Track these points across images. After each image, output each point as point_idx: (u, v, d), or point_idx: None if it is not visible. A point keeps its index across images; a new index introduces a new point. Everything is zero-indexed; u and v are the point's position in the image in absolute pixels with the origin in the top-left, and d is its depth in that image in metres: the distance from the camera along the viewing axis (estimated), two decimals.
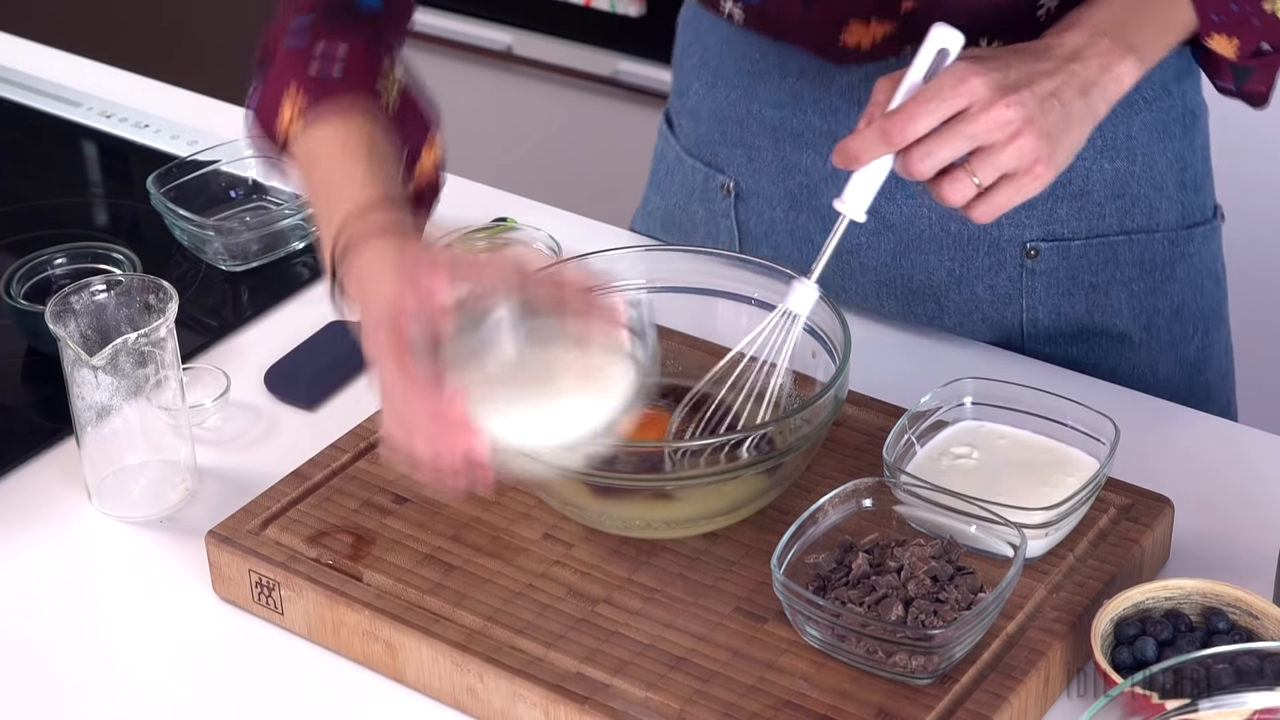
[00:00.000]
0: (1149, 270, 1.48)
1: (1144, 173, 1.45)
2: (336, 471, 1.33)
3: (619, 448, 1.21)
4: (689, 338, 1.38)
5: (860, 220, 1.22)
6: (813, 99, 1.45)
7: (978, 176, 1.18)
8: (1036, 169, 1.19)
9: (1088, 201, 1.45)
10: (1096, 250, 1.46)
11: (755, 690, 1.15)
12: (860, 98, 1.42)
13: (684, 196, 1.60)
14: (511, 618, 1.20)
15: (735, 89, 1.50)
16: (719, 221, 1.56)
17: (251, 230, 1.61)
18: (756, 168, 1.51)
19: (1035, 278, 1.47)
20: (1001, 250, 1.46)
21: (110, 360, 1.30)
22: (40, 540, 1.34)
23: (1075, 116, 1.21)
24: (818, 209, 1.48)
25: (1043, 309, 1.48)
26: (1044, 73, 1.20)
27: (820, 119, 1.45)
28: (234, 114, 1.88)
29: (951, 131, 1.17)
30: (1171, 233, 1.48)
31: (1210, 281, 1.54)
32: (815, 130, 1.46)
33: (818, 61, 1.43)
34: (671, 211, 1.62)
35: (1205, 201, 1.52)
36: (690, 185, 1.58)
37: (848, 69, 1.42)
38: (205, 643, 1.26)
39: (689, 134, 1.58)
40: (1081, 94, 1.21)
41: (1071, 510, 1.22)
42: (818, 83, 1.44)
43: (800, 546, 1.20)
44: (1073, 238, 1.46)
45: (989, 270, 1.47)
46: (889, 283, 1.49)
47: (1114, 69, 1.23)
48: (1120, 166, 1.44)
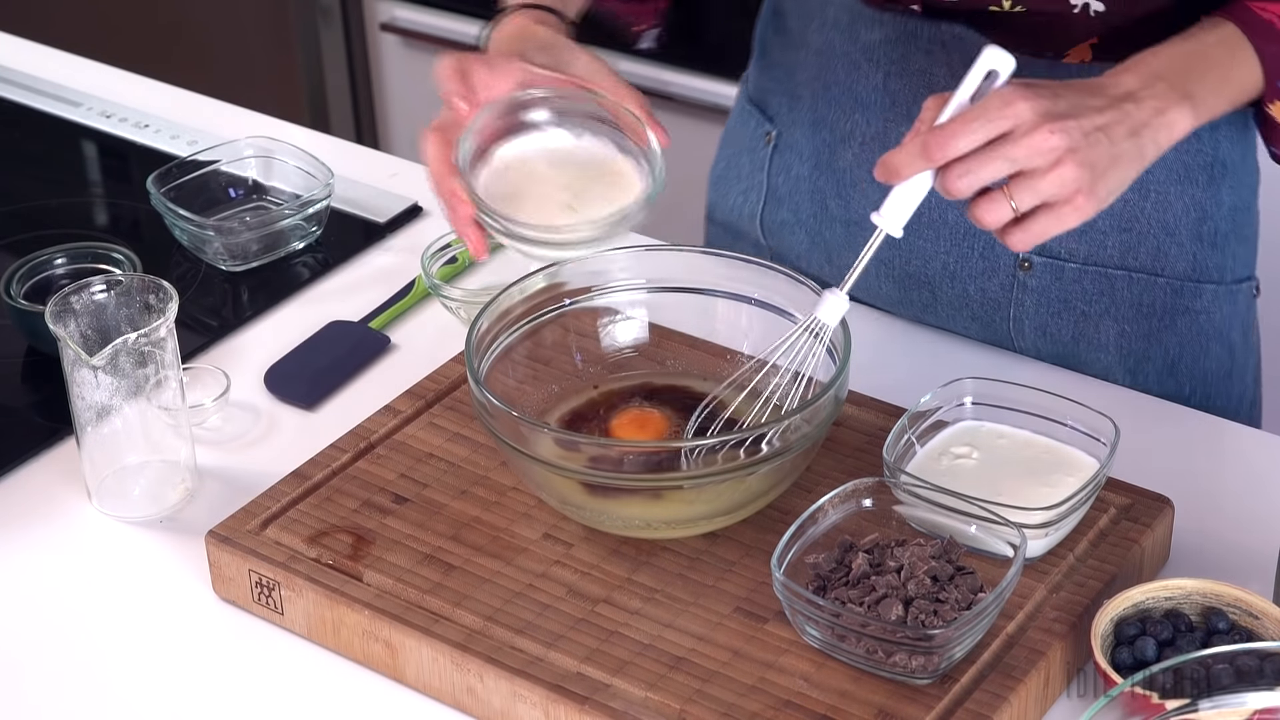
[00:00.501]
0: (1145, 314, 1.46)
1: (1155, 212, 1.42)
2: (336, 471, 1.33)
3: (619, 448, 1.21)
4: (689, 337, 1.38)
5: (896, 235, 1.21)
6: (842, 51, 1.45)
7: (1015, 200, 1.17)
8: (1077, 199, 1.17)
9: (1091, 226, 1.42)
10: (1092, 279, 1.45)
11: (755, 690, 1.15)
12: (880, 59, 1.42)
13: (739, 146, 1.61)
14: (511, 618, 1.20)
15: (791, 34, 1.51)
16: (755, 175, 1.57)
17: (251, 230, 1.61)
18: (795, 118, 1.51)
19: (1026, 292, 1.46)
20: (996, 255, 1.46)
21: (110, 360, 1.30)
22: (40, 540, 1.34)
23: (1123, 155, 1.19)
24: (835, 170, 1.48)
25: (1029, 324, 1.47)
26: (1094, 108, 1.19)
27: (845, 73, 1.45)
28: (234, 114, 1.88)
29: (993, 152, 1.16)
30: (1177, 281, 1.45)
31: (1219, 346, 1.49)
32: (840, 85, 1.46)
33: (852, 10, 1.43)
34: (730, 163, 1.63)
35: (1226, 263, 1.47)
36: (744, 133, 1.60)
37: (873, 25, 1.42)
38: (205, 643, 1.26)
39: (753, 79, 1.59)
40: (1131, 134, 1.20)
41: (1071, 510, 1.22)
42: (847, 35, 1.44)
43: (800, 546, 1.20)
44: (1069, 259, 1.44)
45: (981, 273, 1.46)
46: (888, 262, 1.49)
47: (1167, 114, 1.22)
48: (1130, 199, 1.42)
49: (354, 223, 1.69)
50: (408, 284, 1.59)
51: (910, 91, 1.42)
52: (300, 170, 1.68)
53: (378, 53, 3.14)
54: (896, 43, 1.41)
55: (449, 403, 1.38)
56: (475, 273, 1.60)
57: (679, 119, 2.75)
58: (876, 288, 1.52)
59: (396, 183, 1.75)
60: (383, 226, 1.68)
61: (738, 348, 1.37)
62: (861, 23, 1.43)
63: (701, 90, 2.76)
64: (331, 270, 1.63)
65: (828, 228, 1.51)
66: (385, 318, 1.56)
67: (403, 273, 1.62)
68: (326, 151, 1.72)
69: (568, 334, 1.36)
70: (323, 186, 1.64)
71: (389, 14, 3.09)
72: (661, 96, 2.77)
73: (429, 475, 1.32)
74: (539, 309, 1.35)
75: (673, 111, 2.75)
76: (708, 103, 2.73)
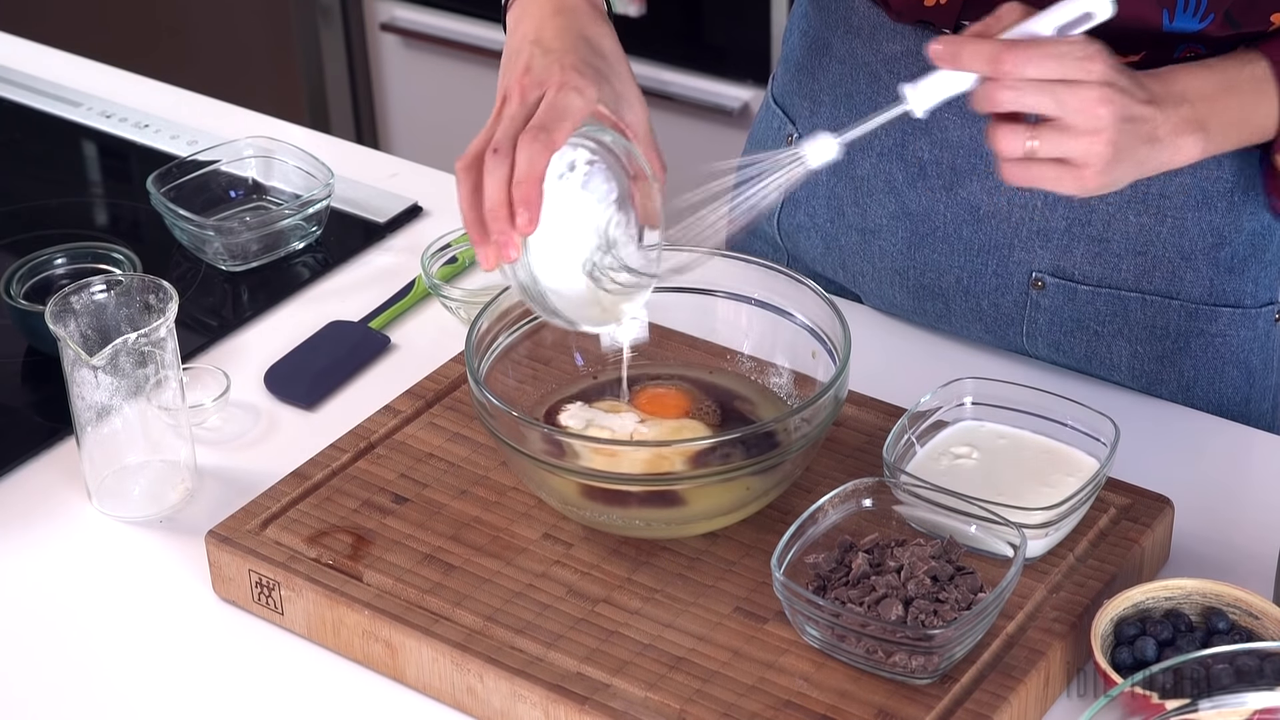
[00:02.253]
0: (1159, 336, 1.44)
1: (1171, 236, 1.41)
2: (336, 471, 1.33)
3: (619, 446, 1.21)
4: (689, 337, 1.38)
5: (918, 115, 1.18)
6: (864, 61, 1.45)
7: (1039, 142, 1.16)
8: (1086, 173, 1.17)
9: (1105, 249, 1.41)
10: (1105, 300, 1.43)
11: (755, 690, 1.15)
12: (901, 71, 1.41)
13: (763, 144, 1.60)
14: (511, 618, 1.20)
15: (816, 40, 1.50)
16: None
17: (251, 230, 1.61)
18: (815, 122, 1.51)
19: (1039, 310, 1.45)
20: (1009, 272, 1.45)
21: (110, 360, 1.30)
22: (40, 540, 1.34)
23: (1137, 155, 1.19)
24: (853, 178, 1.48)
25: (1042, 341, 1.47)
26: (1139, 99, 1.18)
27: (867, 83, 1.45)
28: (234, 114, 1.88)
29: (1049, 90, 1.15)
30: (1191, 305, 1.43)
31: (1236, 371, 1.47)
32: (862, 94, 1.46)
33: (873, 20, 1.43)
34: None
35: (1245, 287, 1.44)
36: (768, 132, 1.60)
37: (894, 37, 1.42)
38: (205, 643, 1.26)
39: (780, 80, 1.59)
40: (1149, 140, 1.19)
41: (1071, 510, 1.22)
42: (870, 46, 1.44)
43: (800, 546, 1.20)
44: (1082, 281, 1.43)
45: (994, 289, 1.46)
46: (902, 272, 1.49)
47: (1181, 137, 1.21)
48: (1146, 223, 1.40)
49: (354, 223, 1.69)
50: (408, 284, 1.59)
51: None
52: (300, 170, 1.68)
53: (378, 53, 3.14)
54: (918, 55, 1.40)
55: (449, 403, 1.38)
56: (475, 273, 1.60)
57: (679, 119, 2.76)
58: (891, 297, 1.51)
59: (396, 183, 1.75)
60: (383, 226, 1.69)
61: (738, 348, 1.37)
62: (884, 34, 1.43)
63: (702, 90, 2.76)
64: (331, 270, 1.63)
65: (844, 234, 1.51)
66: (385, 318, 1.56)
67: (403, 273, 1.62)
68: (326, 151, 1.72)
69: (568, 334, 1.36)
70: (323, 186, 1.64)
71: (389, 14, 3.09)
72: (662, 96, 2.77)
73: (429, 475, 1.32)
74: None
75: (673, 111, 2.76)
76: (708, 103, 2.74)
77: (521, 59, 1.21)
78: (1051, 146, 1.16)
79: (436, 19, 3.03)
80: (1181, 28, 1.29)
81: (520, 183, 1.15)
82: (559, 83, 1.18)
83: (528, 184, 1.15)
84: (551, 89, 1.18)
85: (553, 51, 1.21)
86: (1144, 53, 1.32)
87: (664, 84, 2.79)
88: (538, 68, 1.20)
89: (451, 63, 3.02)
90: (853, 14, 1.46)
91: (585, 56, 1.21)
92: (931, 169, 1.43)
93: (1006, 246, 1.43)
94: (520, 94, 1.19)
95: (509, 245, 1.16)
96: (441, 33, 3.02)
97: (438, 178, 1.76)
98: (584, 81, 1.19)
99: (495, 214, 1.16)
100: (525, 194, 1.15)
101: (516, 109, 1.18)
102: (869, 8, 1.44)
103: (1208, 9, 1.28)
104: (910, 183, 1.44)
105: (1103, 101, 1.15)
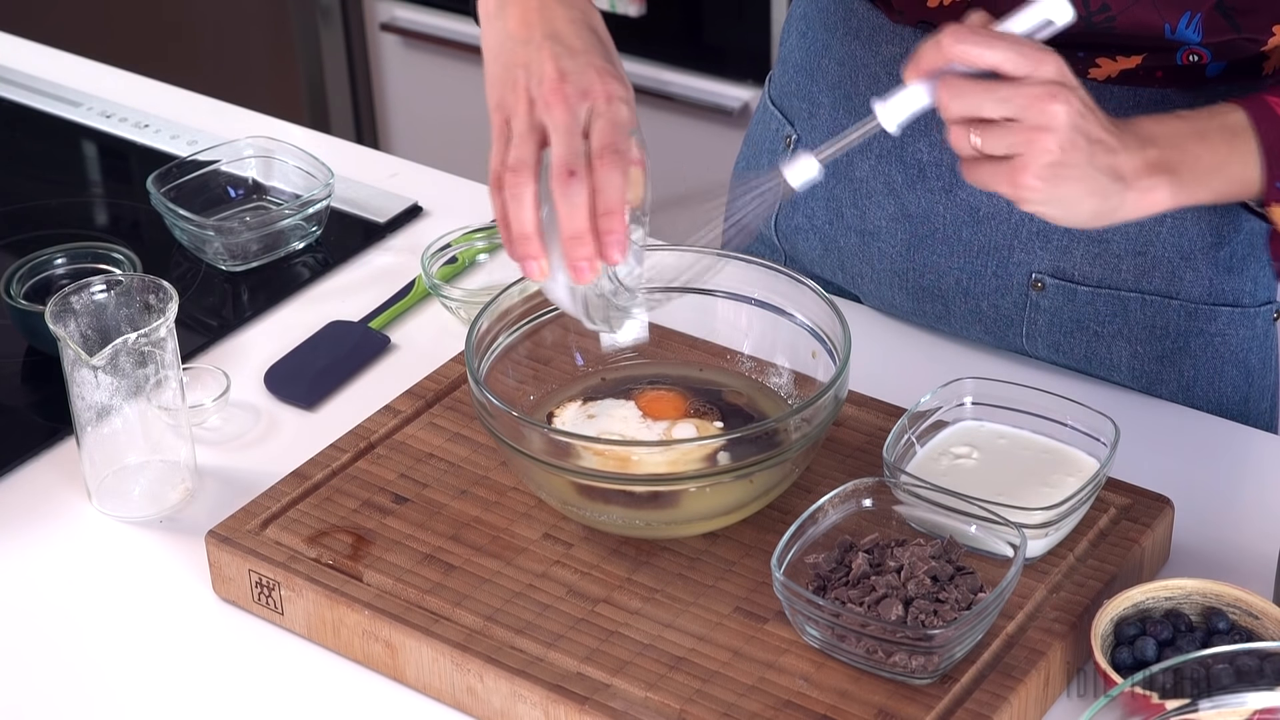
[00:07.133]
0: (1159, 335, 1.44)
1: (1170, 237, 1.40)
2: (336, 471, 1.33)
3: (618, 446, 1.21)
4: (689, 337, 1.38)
5: (890, 130, 1.18)
6: (863, 63, 1.45)
7: (981, 140, 1.14)
8: (1024, 175, 1.14)
9: (1105, 250, 1.41)
10: (1105, 301, 1.43)
11: (755, 690, 1.15)
12: (899, 73, 1.40)
13: (760, 146, 1.60)
14: (511, 618, 1.20)
15: (815, 41, 1.50)
16: None
17: (251, 230, 1.61)
18: (815, 124, 1.51)
19: (1039, 311, 1.45)
20: (1009, 273, 1.44)
21: (110, 360, 1.30)
22: (40, 540, 1.34)
23: (1093, 179, 1.16)
24: (851, 180, 1.48)
25: (1042, 341, 1.47)
26: (1100, 121, 1.16)
27: (866, 85, 1.45)
28: (234, 114, 1.88)
29: (994, 91, 1.13)
30: (1191, 305, 1.43)
31: (1235, 370, 1.47)
32: (860, 96, 1.46)
33: (873, 22, 1.43)
34: (750, 162, 1.62)
35: (1244, 286, 1.44)
36: (767, 134, 1.59)
37: (894, 39, 1.42)
38: (205, 643, 1.26)
39: (777, 81, 1.58)
40: (1112, 173, 1.16)
41: (1071, 510, 1.23)
42: (869, 47, 1.44)
43: (800, 546, 1.20)
44: (1082, 282, 1.43)
45: (994, 290, 1.46)
46: (902, 274, 1.49)
47: (1148, 179, 1.18)
48: (1146, 223, 1.39)
49: (354, 223, 1.69)
50: (408, 284, 1.59)
51: None
52: (300, 170, 1.68)
53: (378, 53, 3.14)
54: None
55: (449, 403, 1.38)
56: (475, 273, 1.60)
57: (678, 119, 2.76)
58: (890, 298, 1.51)
59: (396, 183, 1.75)
60: (383, 226, 1.69)
61: (738, 348, 1.37)
62: (883, 36, 1.43)
63: (701, 90, 2.76)
64: (331, 270, 1.63)
65: (842, 235, 1.51)
66: (385, 318, 1.56)
67: (403, 273, 1.62)
68: (326, 151, 1.72)
69: (568, 334, 1.36)
70: (323, 186, 1.64)
71: (389, 14, 3.09)
72: (661, 96, 2.77)
73: (429, 475, 1.32)
74: (539, 309, 1.35)
75: (672, 111, 2.76)
76: (708, 103, 2.74)
77: (546, 61, 1.17)
78: (995, 141, 1.14)
79: (436, 19, 3.03)
80: (1184, 38, 1.29)
81: (608, 213, 1.13)
82: (605, 94, 1.16)
83: (617, 215, 1.13)
84: (600, 100, 1.16)
85: (578, 53, 1.18)
86: (1144, 54, 1.32)
87: (663, 84, 2.79)
88: (573, 74, 1.16)
89: (451, 63, 3.02)
90: (852, 15, 1.46)
91: (606, 54, 1.20)
92: (931, 170, 1.43)
93: (1006, 248, 1.43)
94: (565, 104, 1.16)
95: (592, 271, 1.14)
96: (441, 33, 3.02)
97: (438, 178, 1.77)
98: (623, 88, 1.17)
99: (580, 240, 1.14)
100: (613, 225, 1.13)
101: (569, 121, 1.15)
102: (869, 9, 1.44)
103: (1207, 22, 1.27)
104: (909, 184, 1.44)
105: (1053, 100, 1.13)
